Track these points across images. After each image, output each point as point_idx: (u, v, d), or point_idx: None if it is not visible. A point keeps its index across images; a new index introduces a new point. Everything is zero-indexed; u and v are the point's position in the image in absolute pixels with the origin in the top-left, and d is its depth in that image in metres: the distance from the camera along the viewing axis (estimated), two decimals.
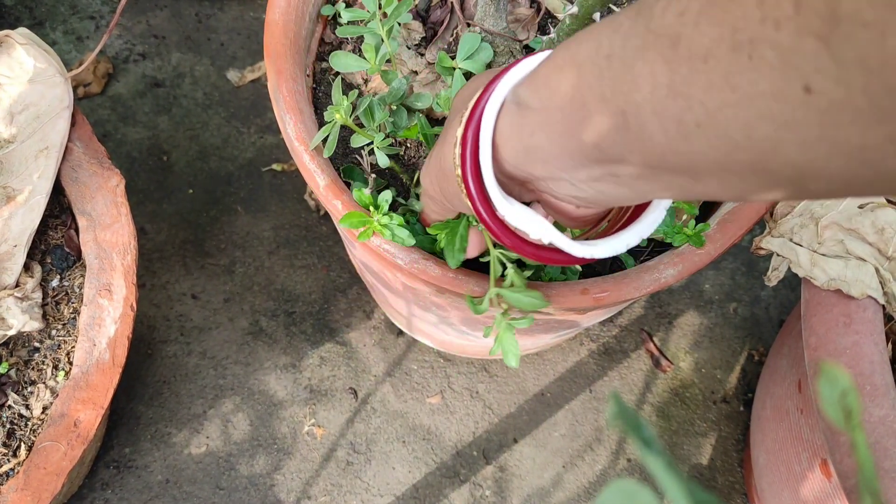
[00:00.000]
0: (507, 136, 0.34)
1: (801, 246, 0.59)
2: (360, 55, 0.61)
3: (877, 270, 0.56)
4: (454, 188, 0.38)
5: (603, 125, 0.28)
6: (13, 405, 0.65)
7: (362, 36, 0.60)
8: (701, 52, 0.23)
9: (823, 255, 0.58)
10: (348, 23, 0.59)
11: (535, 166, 0.34)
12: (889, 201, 0.59)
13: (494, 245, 0.48)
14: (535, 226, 0.36)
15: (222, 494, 0.87)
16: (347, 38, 0.68)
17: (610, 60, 0.27)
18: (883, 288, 0.56)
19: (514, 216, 0.36)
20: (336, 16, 0.68)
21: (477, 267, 0.60)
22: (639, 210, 0.39)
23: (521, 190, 0.37)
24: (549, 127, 0.31)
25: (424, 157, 0.62)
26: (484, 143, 0.35)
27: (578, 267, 0.58)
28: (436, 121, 0.64)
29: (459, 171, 0.36)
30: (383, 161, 0.56)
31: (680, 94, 0.24)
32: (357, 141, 0.57)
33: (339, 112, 0.53)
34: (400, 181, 0.62)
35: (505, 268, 0.47)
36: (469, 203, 0.37)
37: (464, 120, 0.36)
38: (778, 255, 0.60)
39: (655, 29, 0.25)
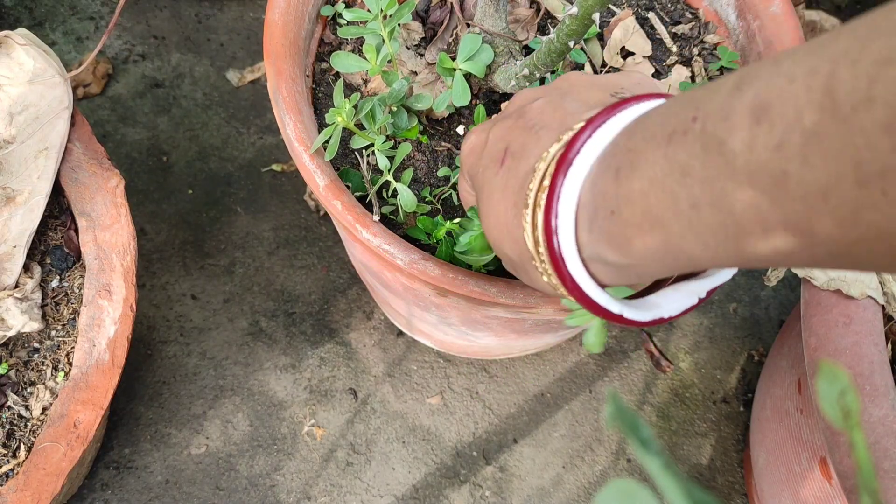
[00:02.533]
0: (603, 275, 0.33)
1: None
2: (360, 55, 0.61)
3: None
4: (532, 275, 0.36)
5: (710, 265, 0.27)
6: (13, 406, 0.65)
7: (362, 36, 0.60)
8: (818, 189, 0.20)
9: None
10: (349, 23, 0.60)
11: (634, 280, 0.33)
12: None
13: None
14: (613, 304, 0.34)
15: (222, 495, 0.87)
16: (347, 39, 0.68)
17: (698, 211, 0.25)
18: (882, 288, 0.56)
19: (602, 299, 0.34)
20: (336, 16, 0.68)
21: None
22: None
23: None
24: (642, 275, 0.30)
25: (423, 157, 0.62)
26: (568, 251, 0.32)
27: None
28: (435, 121, 0.64)
29: (554, 276, 0.34)
30: (383, 163, 0.56)
31: (801, 231, 0.22)
32: (357, 143, 0.57)
33: (341, 115, 0.53)
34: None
35: None
36: (560, 285, 0.34)
37: (545, 258, 0.33)
38: None
39: (744, 166, 0.22)
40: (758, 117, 0.22)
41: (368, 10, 0.56)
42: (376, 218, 0.56)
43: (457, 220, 0.56)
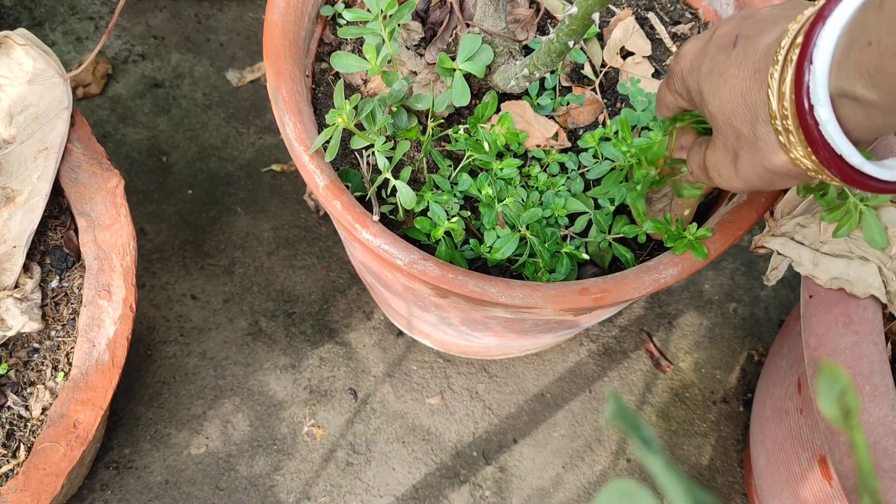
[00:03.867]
0: (853, 125, 0.34)
1: (803, 245, 0.59)
2: (360, 56, 0.61)
3: (879, 269, 0.56)
4: (763, 142, 0.39)
5: None
6: (13, 406, 0.65)
7: (362, 36, 0.60)
8: None
9: (826, 254, 0.58)
10: (349, 23, 0.60)
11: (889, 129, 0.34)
12: (892, 201, 0.59)
13: None
14: (855, 155, 0.35)
15: (222, 495, 0.87)
16: (347, 39, 0.68)
17: None
18: (885, 287, 0.56)
19: (845, 147, 0.35)
20: (335, 16, 0.68)
21: (476, 267, 0.60)
22: None
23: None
24: (888, 112, 0.31)
25: (422, 159, 0.62)
26: (838, 142, 0.34)
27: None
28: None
29: (794, 132, 0.35)
30: (383, 163, 0.56)
31: None
32: (357, 143, 0.57)
33: (341, 116, 0.53)
34: None
35: None
36: (807, 152, 0.36)
37: (792, 122, 0.35)
38: (779, 254, 0.60)
39: None
40: None
41: (368, 11, 0.56)
42: (376, 217, 0.56)
43: (454, 220, 0.56)
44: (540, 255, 0.57)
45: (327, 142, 0.54)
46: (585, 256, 0.58)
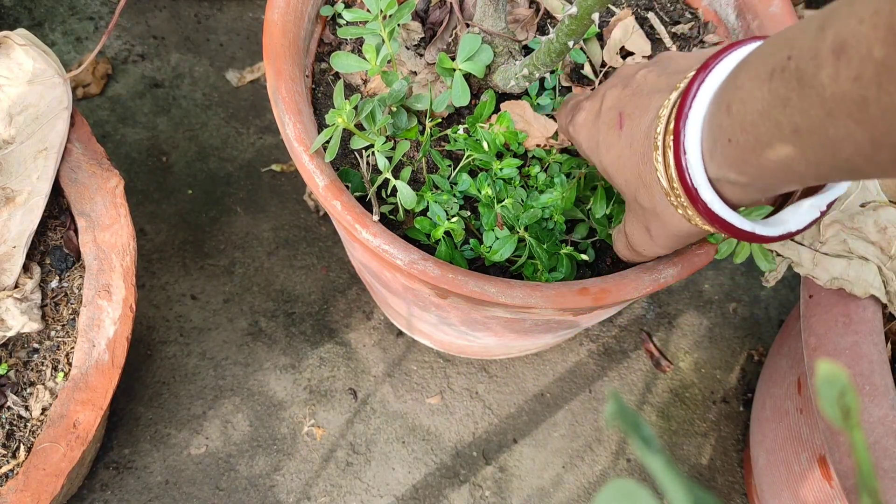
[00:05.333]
0: (729, 194, 0.38)
1: (803, 245, 0.59)
2: (360, 56, 0.61)
3: (879, 269, 0.56)
4: (667, 215, 0.43)
5: (821, 177, 0.32)
6: (12, 406, 0.65)
7: (362, 37, 0.60)
8: (894, 109, 0.25)
9: (826, 254, 0.58)
10: (349, 24, 0.60)
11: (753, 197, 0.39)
12: (891, 201, 0.59)
13: None
14: (745, 223, 0.40)
15: (222, 495, 0.87)
16: (347, 39, 0.68)
17: (799, 135, 0.30)
18: (885, 287, 0.56)
19: (732, 218, 0.39)
20: (335, 16, 0.68)
21: (476, 267, 0.60)
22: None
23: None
24: (762, 190, 0.35)
25: (421, 159, 0.62)
26: (697, 173, 0.38)
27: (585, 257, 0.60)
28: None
29: (689, 207, 0.39)
30: (383, 163, 0.56)
31: (886, 145, 0.26)
32: (357, 143, 0.57)
33: (341, 116, 0.53)
34: None
35: None
36: (703, 221, 0.40)
37: (676, 185, 0.39)
38: (778, 254, 0.60)
39: (833, 96, 0.27)
40: (838, 54, 0.26)
41: (368, 11, 0.56)
42: (376, 218, 0.56)
43: (454, 220, 0.56)
44: (538, 258, 0.57)
45: (327, 142, 0.54)
46: (584, 257, 0.58)
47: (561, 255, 0.58)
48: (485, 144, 0.60)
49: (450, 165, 0.62)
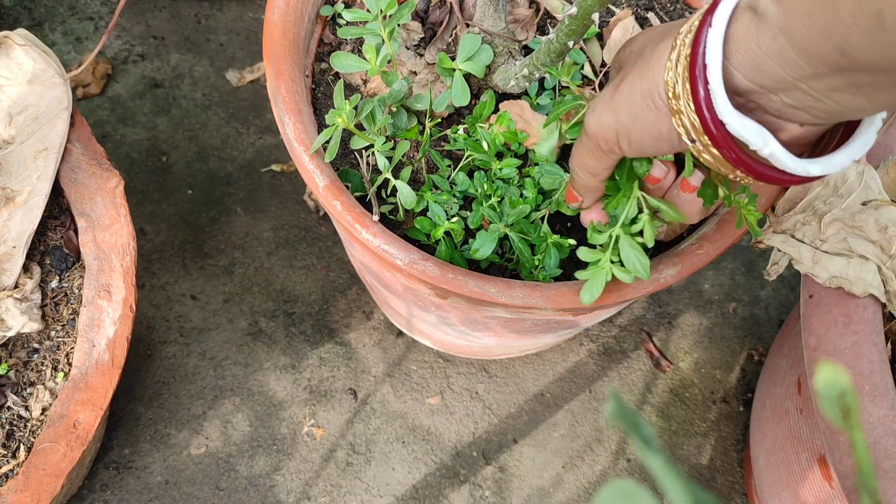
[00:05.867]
0: (741, 44, 0.34)
1: (803, 243, 0.59)
2: (360, 56, 0.61)
3: (879, 269, 0.56)
4: (653, 113, 0.39)
5: (856, 28, 0.27)
6: (12, 406, 0.65)
7: (362, 37, 0.60)
8: None
9: (826, 252, 0.58)
10: (349, 24, 0.60)
11: (769, 76, 0.33)
12: (893, 200, 0.59)
13: (640, 187, 0.48)
14: (758, 136, 0.36)
15: (222, 495, 0.87)
16: (347, 39, 0.68)
17: None
18: (885, 286, 0.56)
19: (739, 124, 0.35)
20: (335, 16, 0.68)
21: (476, 266, 0.60)
22: (848, 132, 0.38)
23: (741, 107, 0.37)
24: (792, 32, 0.30)
25: (420, 159, 0.62)
26: (714, 52, 0.34)
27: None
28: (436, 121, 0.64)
29: (686, 86, 0.36)
30: (383, 163, 0.56)
31: None
32: (357, 143, 0.57)
33: (341, 116, 0.53)
34: None
35: (641, 211, 0.48)
36: (695, 118, 0.36)
37: (688, 38, 0.35)
38: (779, 250, 0.60)
39: None
40: None
41: (368, 11, 0.56)
42: (376, 217, 0.56)
43: (454, 220, 0.56)
44: (520, 252, 0.56)
45: (327, 142, 0.54)
46: (571, 241, 0.57)
47: (548, 244, 0.57)
48: (484, 144, 0.60)
49: (449, 165, 0.62)
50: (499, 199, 0.59)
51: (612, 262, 0.49)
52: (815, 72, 0.31)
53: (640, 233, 0.48)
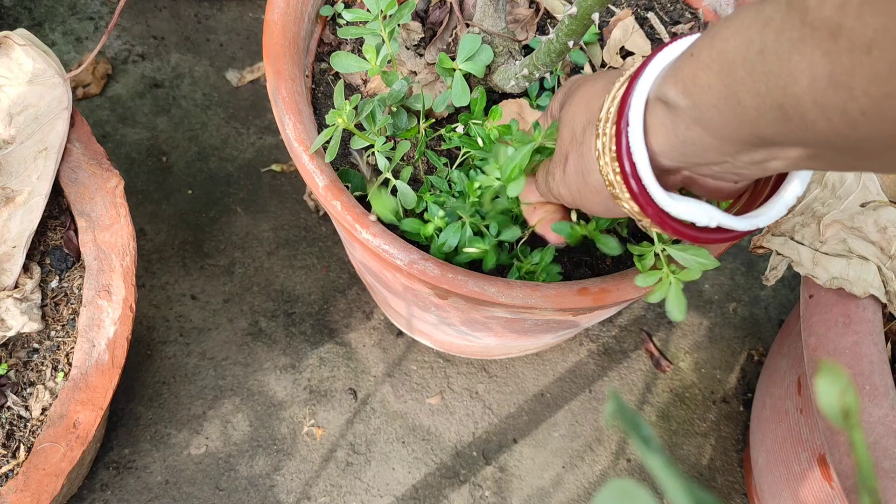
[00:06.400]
0: (661, 136, 0.35)
1: (802, 244, 0.59)
2: (360, 56, 0.61)
3: (879, 269, 0.56)
4: (598, 196, 0.40)
5: (763, 119, 0.29)
6: (12, 406, 0.65)
7: (362, 37, 0.60)
8: (864, 42, 0.23)
9: (825, 253, 0.58)
10: (349, 24, 0.60)
11: (693, 158, 0.35)
12: (892, 201, 0.59)
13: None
14: (702, 214, 0.37)
15: (222, 495, 0.87)
16: (347, 39, 0.68)
17: (763, 56, 0.28)
18: (885, 287, 0.56)
19: (681, 210, 0.37)
20: (335, 16, 0.68)
21: (476, 266, 0.60)
22: (781, 175, 0.40)
23: (670, 178, 0.38)
24: (705, 123, 0.32)
25: (417, 160, 0.62)
26: (637, 148, 0.36)
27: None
28: (435, 121, 0.64)
29: (618, 178, 0.37)
30: (383, 163, 0.56)
31: (842, 84, 0.25)
32: (357, 143, 0.57)
33: (341, 116, 0.53)
34: None
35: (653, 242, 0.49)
36: (634, 206, 0.38)
37: (609, 129, 0.37)
38: (778, 253, 0.60)
39: (812, 21, 0.25)
40: None
41: (368, 11, 0.56)
42: (373, 218, 0.56)
43: (441, 216, 0.56)
44: (487, 241, 0.56)
45: (327, 142, 0.54)
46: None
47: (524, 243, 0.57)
48: (479, 140, 0.59)
49: (447, 164, 0.62)
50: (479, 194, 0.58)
51: (673, 272, 0.49)
52: (738, 150, 0.33)
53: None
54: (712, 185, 0.37)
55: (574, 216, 0.54)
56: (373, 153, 0.59)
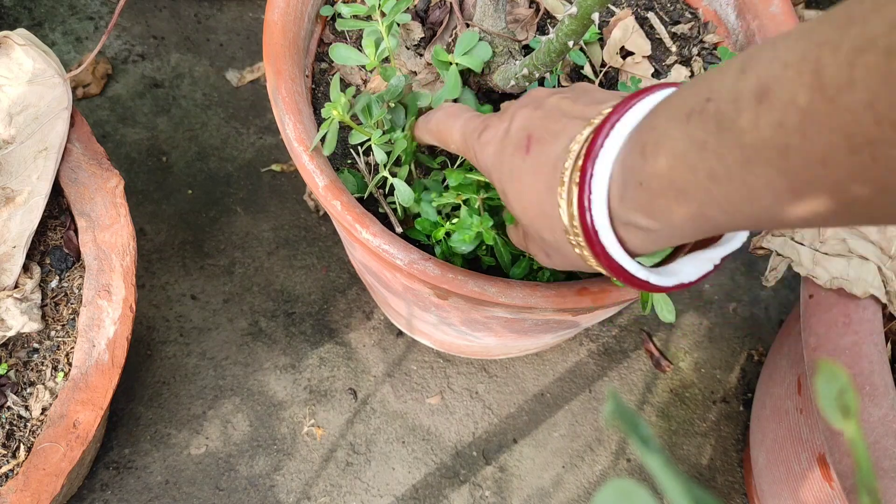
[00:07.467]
0: (636, 241, 0.36)
1: (802, 245, 0.59)
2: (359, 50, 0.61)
3: (879, 269, 0.56)
4: (564, 261, 0.41)
5: (735, 225, 0.30)
6: (12, 406, 0.65)
7: (361, 31, 0.60)
8: (818, 159, 0.24)
9: (825, 253, 0.58)
10: (348, 18, 0.60)
11: (669, 244, 0.36)
12: None
13: None
14: (673, 282, 0.38)
15: (222, 495, 0.87)
16: (346, 38, 0.68)
17: (715, 181, 0.28)
18: (885, 287, 0.56)
19: (630, 266, 0.37)
20: (335, 16, 0.68)
21: (476, 266, 0.60)
22: None
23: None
24: (682, 233, 0.33)
25: (407, 161, 0.62)
26: (613, 250, 0.36)
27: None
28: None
29: (586, 248, 0.37)
30: (381, 157, 0.56)
31: (805, 194, 0.25)
32: (355, 138, 0.57)
33: (336, 108, 0.53)
34: None
35: None
36: (598, 264, 0.38)
37: (581, 241, 0.37)
38: (778, 254, 0.60)
39: (753, 144, 0.25)
40: (760, 99, 0.25)
41: (364, 4, 0.56)
42: (398, 230, 0.56)
43: (455, 221, 0.56)
44: (497, 247, 0.56)
45: (325, 137, 0.54)
46: None
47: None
48: None
49: (442, 163, 0.61)
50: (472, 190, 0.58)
51: None
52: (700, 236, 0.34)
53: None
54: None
55: None
56: (373, 153, 0.59)
